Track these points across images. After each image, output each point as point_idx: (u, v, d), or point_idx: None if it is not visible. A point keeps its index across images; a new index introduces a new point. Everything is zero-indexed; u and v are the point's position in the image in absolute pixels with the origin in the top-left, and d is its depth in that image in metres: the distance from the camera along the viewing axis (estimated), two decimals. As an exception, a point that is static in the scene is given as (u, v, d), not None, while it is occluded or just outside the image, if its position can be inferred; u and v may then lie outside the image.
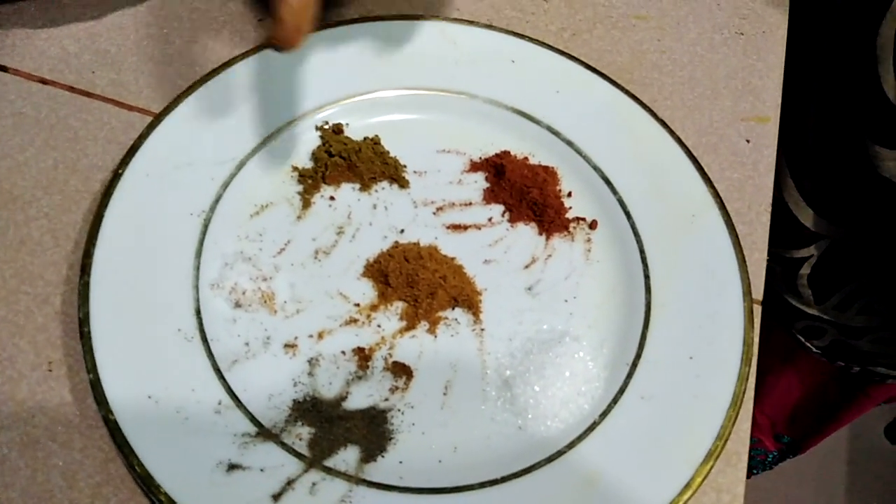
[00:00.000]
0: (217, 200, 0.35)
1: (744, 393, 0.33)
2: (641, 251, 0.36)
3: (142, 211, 0.34)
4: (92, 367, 0.30)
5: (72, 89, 0.40)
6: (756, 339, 0.35)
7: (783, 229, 0.53)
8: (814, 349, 0.66)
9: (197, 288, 0.33)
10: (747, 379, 0.33)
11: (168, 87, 0.40)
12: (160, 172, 0.35)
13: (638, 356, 0.34)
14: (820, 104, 0.51)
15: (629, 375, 0.33)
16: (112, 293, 0.32)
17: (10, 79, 0.40)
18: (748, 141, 0.44)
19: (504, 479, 0.30)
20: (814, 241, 0.58)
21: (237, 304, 0.34)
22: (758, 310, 0.37)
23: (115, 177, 0.34)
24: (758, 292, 0.38)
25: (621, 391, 0.33)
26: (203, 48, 0.42)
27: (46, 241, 0.35)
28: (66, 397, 0.32)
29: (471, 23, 0.42)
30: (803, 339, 0.66)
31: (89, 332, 0.30)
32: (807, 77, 0.50)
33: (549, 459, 0.31)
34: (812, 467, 1.10)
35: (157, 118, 0.36)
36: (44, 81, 0.40)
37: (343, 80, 0.39)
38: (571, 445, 0.31)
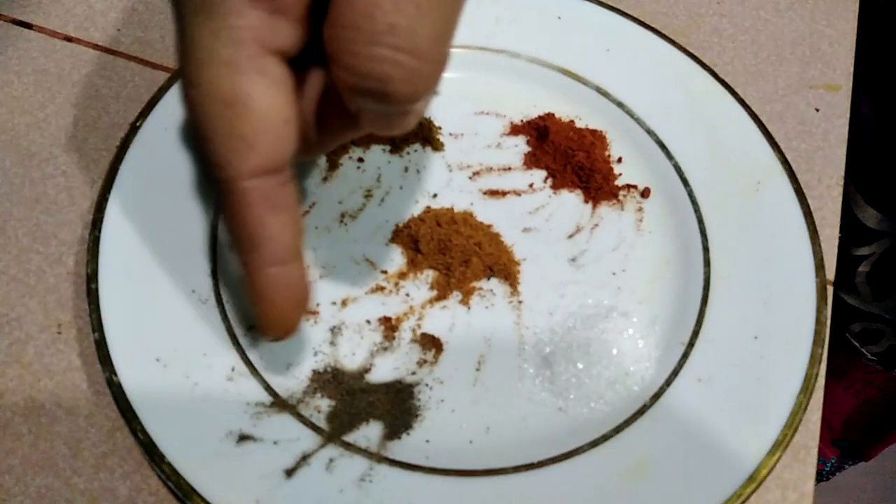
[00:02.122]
0: (239, 158, 0.33)
1: (815, 377, 0.29)
2: (700, 221, 0.33)
3: (159, 166, 0.32)
4: (98, 325, 0.28)
5: (96, 47, 0.38)
6: (828, 321, 0.31)
7: (842, 224, 0.51)
8: (869, 356, 0.62)
9: (214, 248, 0.31)
10: (820, 362, 0.29)
11: (194, 45, 0.39)
12: (179, 127, 0.33)
13: (695, 335, 0.30)
14: (880, 99, 0.47)
15: (685, 355, 0.30)
16: (123, 250, 0.30)
17: (34, 36, 0.39)
18: (817, 110, 0.40)
19: (541, 464, 0.27)
20: (875, 239, 0.55)
21: (256, 268, 0.31)
22: (830, 291, 0.33)
23: (133, 130, 0.32)
24: (830, 271, 0.34)
25: (675, 373, 0.29)
26: (232, 8, 0.40)
27: (62, 199, 0.34)
28: (75, 362, 0.30)
29: (514, -22, 0.39)
30: (858, 345, 0.62)
31: (97, 290, 0.28)
32: (865, 70, 0.47)
33: (593, 444, 0.28)
34: (880, 479, 1.01)
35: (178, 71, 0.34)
36: (69, 39, 0.39)
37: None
38: (618, 430, 0.28)
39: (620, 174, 0.35)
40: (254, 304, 0.23)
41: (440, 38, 0.19)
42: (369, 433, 0.28)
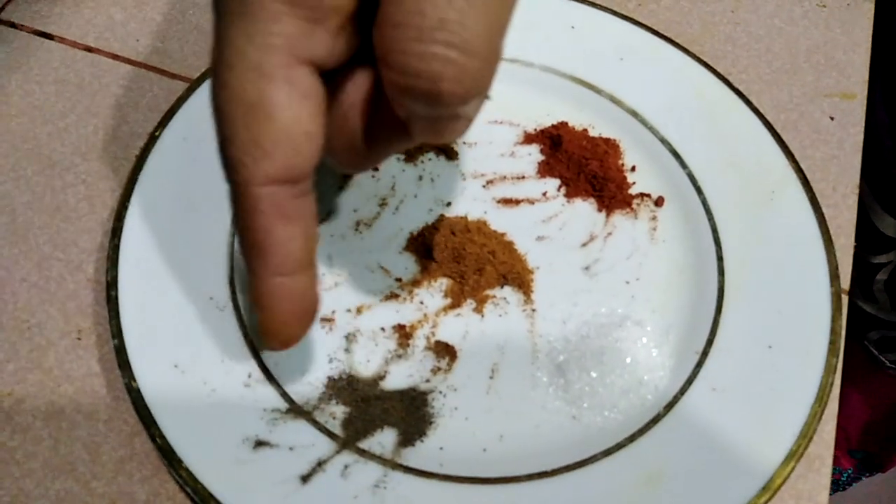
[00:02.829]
0: (256, 167, 0.34)
1: (830, 387, 0.29)
2: (714, 230, 0.33)
3: (178, 175, 0.32)
4: (117, 332, 0.28)
5: (116, 57, 0.39)
6: (843, 331, 0.31)
7: (860, 232, 0.50)
8: (888, 363, 0.62)
9: (232, 255, 0.31)
10: (834, 372, 0.29)
11: (212, 55, 0.39)
12: (198, 136, 0.33)
13: (709, 344, 0.30)
14: None
15: (699, 364, 0.30)
16: (142, 258, 0.30)
17: (55, 46, 0.39)
18: (832, 118, 0.40)
19: (555, 472, 0.27)
20: (893, 247, 0.54)
21: (272, 275, 0.32)
22: (845, 300, 0.33)
23: (152, 139, 0.33)
24: (845, 280, 0.34)
25: (689, 381, 0.29)
26: (249, 18, 0.41)
27: (82, 207, 0.34)
28: (94, 367, 0.31)
29: (528, -12, 0.39)
30: (877, 353, 0.62)
31: (116, 297, 0.29)
32: (881, 77, 0.46)
33: (607, 453, 0.28)
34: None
35: (197, 81, 0.35)
36: (88, 49, 0.39)
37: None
38: (632, 439, 0.28)
39: (634, 183, 0.35)
40: (255, 311, 0.23)
41: (492, 33, 0.18)
42: (384, 440, 0.28)
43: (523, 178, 0.35)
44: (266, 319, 0.23)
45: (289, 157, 0.20)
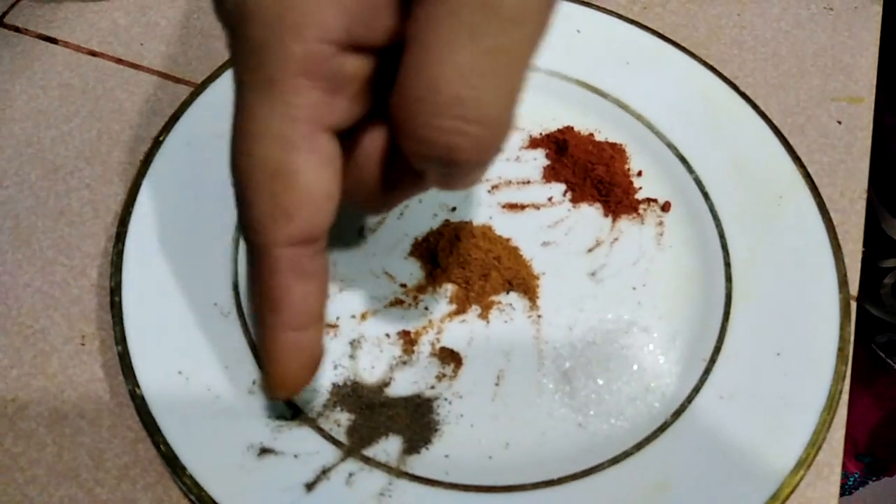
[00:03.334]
0: (260, 172, 0.33)
1: (839, 395, 0.29)
2: (721, 236, 0.33)
3: (181, 180, 0.32)
4: (121, 338, 0.28)
5: (120, 61, 0.39)
6: (852, 337, 0.31)
7: (867, 237, 0.50)
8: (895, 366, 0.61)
9: (236, 261, 0.31)
10: (843, 379, 0.29)
11: (217, 59, 0.39)
12: (202, 141, 0.33)
13: (717, 351, 0.30)
14: None
15: (706, 372, 0.30)
16: (146, 263, 0.30)
17: (59, 50, 0.39)
18: (839, 122, 0.40)
19: (561, 481, 0.27)
20: None
21: (277, 281, 0.31)
22: (853, 306, 0.33)
23: (156, 144, 0.33)
24: (854, 287, 0.34)
25: (697, 389, 0.29)
26: (253, 22, 0.41)
27: (86, 212, 0.34)
28: (98, 373, 0.30)
29: (533, -8, 0.39)
30: (884, 356, 0.62)
31: (120, 303, 0.29)
32: (890, 81, 0.46)
33: (613, 461, 0.28)
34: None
35: (202, 86, 0.35)
36: (93, 53, 0.39)
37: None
38: (639, 447, 0.28)
39: (640, 188, 0.35)
40: (263, 363, 0.24)
41: (506, 105, 0.19)
42: (388, 447, 0.28)
43: (529, 182, 0.35)
44: (275, 373, 0.23)
45: (311, 219, 0.21)
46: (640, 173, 0.35)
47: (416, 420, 0.29)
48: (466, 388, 0.30)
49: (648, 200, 0.34)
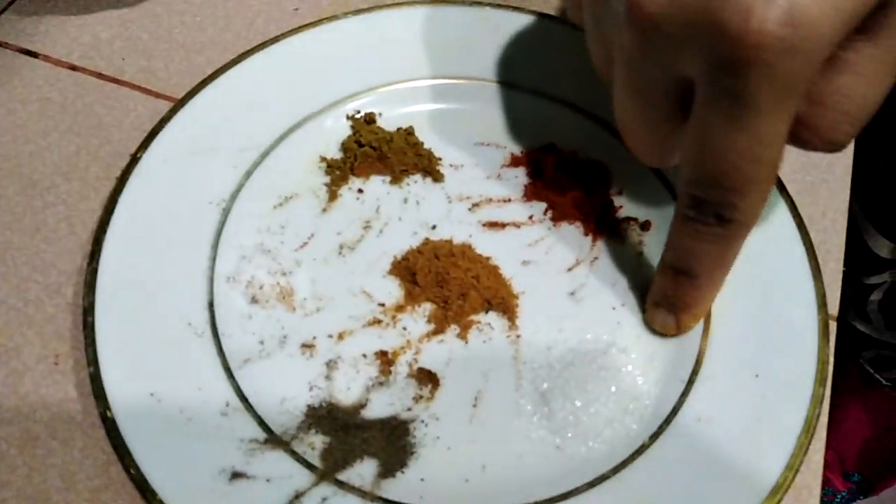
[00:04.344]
0: (238, 190, 0.33)
1: (817, 418, 0.29)
2: (700, 255, 0.33)
3: (158, 197, 0.32)
4: (93, 359, 0.28)
5: (100, 76, 0.39)
6: (831, 359, 0.31)
7: (854, 253, 0.50)
8: (884, 381, 0.61)
9: (211, 280, 0.31)
10: (822, 402, 0.29)
11: (198, 74, 0.39)
12: (179, 158, 0.33)
13: (694, 372, 0.30)
14: (890, 129, 0.47)
15: (684, 393, 0.29)
16: (120, 282, 0.30)
17: (39, 64, 0.39)
18: (821, 141, 0.40)
19: (538, 505, 0.27)
20: (887, 268, 0.54)
21: (254, 300, 0.31)
22: (833, 326, 0.33)
23: (133, 161, 0.32)
24: (833, 307, 0.34)
25: (675, 411, 0.29)
26: (236, 37, 0.41)
27: (62, 228, 0.34)
28: (71, 393, 0.30)
29: (516, 9, 0.39)
30: (872, 371, 0.62)
31: (93, 323, 0.28)
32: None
33: (591, 485, 0.27)
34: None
35: (181, 102, 0.34)
36: (73, 68, 0.39)
37: (376, 67, 0.37)
38: (616, 470, 0.28)
39: (621, 206, 0.35)
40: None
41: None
42: (363, 471, 0.27)
43: (509, 201, 0.35)
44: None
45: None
46: (620, 192, 0.35)
47: (391, 443, 0.28)
48: (443, 410, 0.29)
49: (629, 220, 0.34)
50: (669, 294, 0.30)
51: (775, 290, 0.31)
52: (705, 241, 0.27)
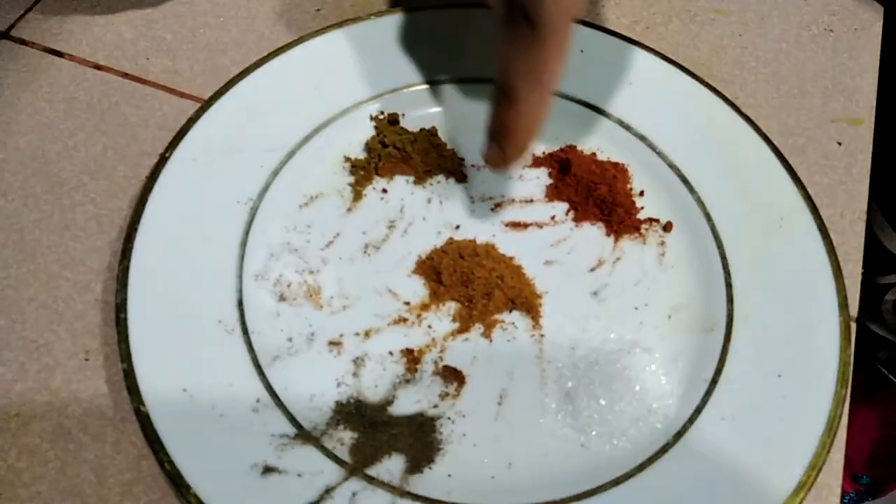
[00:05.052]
0: (265, 189, 0.34)
1: (839, 417, 0.29)
2: (723, 256, 0.33)
3: (187, 197, 0.32)
4: (126, 355, 0.28)
5: (125, 75, 0.39)
6: (852, 359, 0.31)
7: (868, 253, 0.51)
8: (897, 383, 0.61)
9: (240, 278, 0.31)
10: (843, 402, 0.29)
11: (222, 74, 0.39)
12: (208, 158, 0.33)
13: (718, 372, 0.30)
14: None
15: (708, 393, 0.30)
16: (152, 280, 0.30)
17: (65, 64, 0.39)
18: (839, 143, 0.40)
19: (563, 502, 0.27)
20: None
21: (282, 298, 0.32)
22: (853, 328, 0.33)
23: (162, 160, 0.33)
24: (854, 308, 0.34)
25: (698, 410, 0.29)
26: (259, 37, 0.41)
27: (91, 226, 0.34)
28: (102, 388, 0.30)
29: (537, 11, 0.39)
30: (886, 372, 0.61)
31: (125, 319, 0.29)
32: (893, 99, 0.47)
33: (615, 482, 0.28)
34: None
35: (208, 102, 0.35)
36: (98, 67, 0.39)
37: (401, 69, 0.37)
38: (641, 468, 0.28)
39: (642, 208, 0.35)
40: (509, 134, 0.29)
41: None
42: (392, 467, 0.28)
43: (532, 201, 0.35)
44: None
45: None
46: (642, 193, 0.35)
47: (419, 439, 0.29)
48: (469, 408, 0.30)
49: (650, 220, 0.35)
50: (496, 123, 0.30)
51: (797, 291, 0.32)
52: (520, 49, 0.27)
